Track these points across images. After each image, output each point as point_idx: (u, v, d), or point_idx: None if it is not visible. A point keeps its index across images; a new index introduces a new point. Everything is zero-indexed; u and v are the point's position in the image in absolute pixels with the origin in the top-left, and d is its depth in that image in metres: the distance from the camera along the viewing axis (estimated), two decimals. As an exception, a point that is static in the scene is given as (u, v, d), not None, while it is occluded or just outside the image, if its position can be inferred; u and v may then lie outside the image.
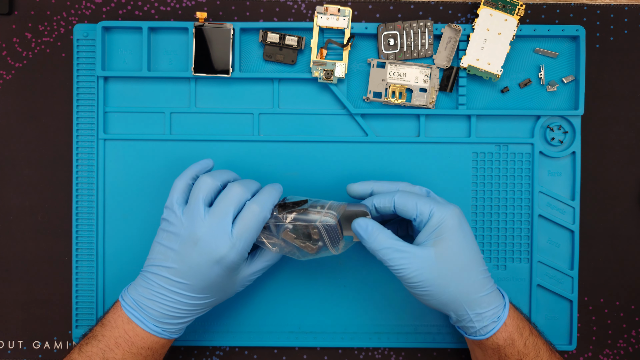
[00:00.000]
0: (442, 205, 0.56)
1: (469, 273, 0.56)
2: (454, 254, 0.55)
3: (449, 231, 0.55)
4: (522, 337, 0.57)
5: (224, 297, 0.60)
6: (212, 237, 0.55)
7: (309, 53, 0.66)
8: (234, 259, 0.55)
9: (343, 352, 0.68)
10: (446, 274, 0.55)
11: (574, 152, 0.67)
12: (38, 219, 0.68)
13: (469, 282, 0.56)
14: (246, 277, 0.60)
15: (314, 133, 0.67)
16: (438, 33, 0.66)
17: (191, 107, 0.67)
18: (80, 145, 0.67)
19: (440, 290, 0.55)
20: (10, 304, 0.68)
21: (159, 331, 0.57)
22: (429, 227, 0.56)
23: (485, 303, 0.56)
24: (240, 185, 0.57)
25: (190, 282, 0.56)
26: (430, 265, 0.55)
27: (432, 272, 0.55)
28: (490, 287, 0.57)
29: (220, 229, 0.55)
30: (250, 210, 0.56)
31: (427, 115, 0.67)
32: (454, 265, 0.55)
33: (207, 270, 0.55)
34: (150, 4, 0.67)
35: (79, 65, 0.67)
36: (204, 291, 0.57)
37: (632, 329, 0.68)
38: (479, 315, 0.57)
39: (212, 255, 0.55)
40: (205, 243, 0.55)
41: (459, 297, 0.56)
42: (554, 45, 0.67)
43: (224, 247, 0.55)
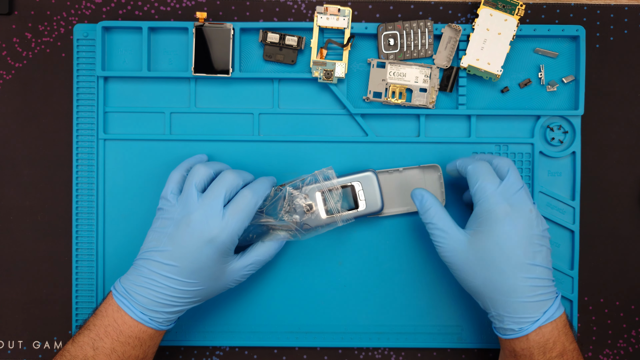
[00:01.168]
0: (495, 197, 0.55)
1: (504, 274, 0.55)
2: (489, 248, 0.55)
3: (492, 224, 0.55)
4: (544, 356, 0.56)
5: (214, 289, 0.60)
6: (204, 217, 0.56)
7: (309, 53, 0.66)
8: (225, 239, 0.56)
9: (343, 352, 0.68)
10: (475, 265, 0.56)
11: (574, 152, 0.67)
12: (38, 219, 0.68)
13: (501, 282, 0.55)
14: (237, 271, 0.60)
15: (314, 133, 0.67)
16: (438, 33, 0.66)
17: (191, 107, 0.67)
18: (80, 145, 0.67)
19: (467, 278, 0.57)
20: (10, 304, 0.68)
21: (146, 320, 0.57)
22: (474, 215, 0.57)
23: (511, 310, 0.56)
24: (233, 172, 0.59)
25: (180, 264, 0.56)
26: (462, 250, 0.56)
27: (461, 258, 0.56)
28: (526, 298, 0.55)
29: (212, 210, 0.57)
30: (243, 195, 0.58)
31: (427, 115, 0.67)
32: (485, 259, 0.55)
33: (198, 251, 0.56)
34: (150, 4, 0.67)
35: (79, 65, 0.67)
36: (193, 275, 0.57)
37: (632, 329, 0.68)
38: (499, 318, 0.56)
39: (203, 235, 0.56)
40: (197, 224, 0.56)
41: (485, 292, 0.56)
42: (554, 45, 0.67)
43: (216, 228, 0.56)
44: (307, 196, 0.62)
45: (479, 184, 0.56)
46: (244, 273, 0.60)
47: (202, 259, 0.57)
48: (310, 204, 0.62)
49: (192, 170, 0.60)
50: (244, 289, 0.67)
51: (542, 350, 0.56)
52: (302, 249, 0.67)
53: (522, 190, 0.57)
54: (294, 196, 0.62)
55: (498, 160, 0.59)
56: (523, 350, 0.56)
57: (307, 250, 0.67)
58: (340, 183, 0.64)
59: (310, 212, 0.62)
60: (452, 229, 0.57)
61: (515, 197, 0.56)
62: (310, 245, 0.67)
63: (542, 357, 0.56)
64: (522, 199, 0.56)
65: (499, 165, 0.58)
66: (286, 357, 0.68)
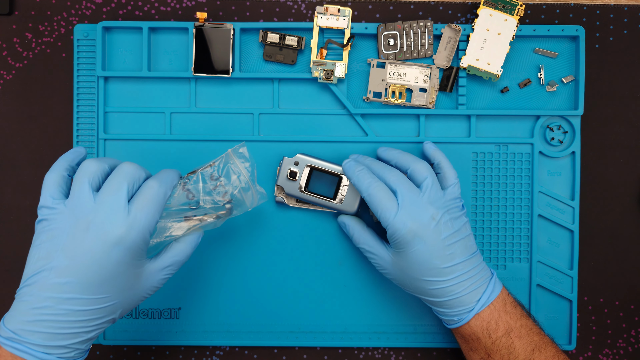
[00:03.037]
0: (399, 219, 0.57)
1: (422, 284, 0.59)
2: (408, 265, 0.58)
3: (402, 246, 0.58)
4: (490, 338, 0.58)
5: (129, 301, 0.51)
6: (105, 216, 0.48)
7: (309, 53, 0.66)
8: (135, 238, 0.48)
9: (343, 352, 0.68)
10: (403, 278, 0.60)
11: (573, 152, 0.67)
12: (38, 219, 0.68)
13: (429, 290, 0.59)
14: (154, 275, 0.52)
15: (314, 133, 0.67)
16: (438, 33, 0.66)
17: (191, 107, 0.67)
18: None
19: (404, 287, 0.61)
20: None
21: (52, 359, 0.48)
22: (387, 236, 0.59)
23: (447, 306, 0.59)
24: (133, 164, 0.52)
25: (82, 278, 0.47)
26: (391, 266, 0.60)
27: (392, 272, 0.61)
28: (457, 294, 0.58)
29: (115, 206, 0.48)
30: (149, 186, 0.50)
31: (427, 115, 0.67)
32: (408, 274, 0.59)
33: (103, 258, 0.48)
34: (150, 4, 0.68)
35: (79, 65, 0.67)
36: (101, 288, 0.48)
37: (631, 328, 0.68)
38: (440, 312, 0.60)
39: (108, 237, 0.48)
40: (98, 225, 0.48)
41: (420, 297, 0.61)
42: (553, 45, 0.67)
43: (122, 226, 0.48)
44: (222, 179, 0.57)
45: (379, 215, 0.58)
46: (161, 277, 0.53)
47: (111, 266, 0.48)
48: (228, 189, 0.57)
49: (80, 167, 0.51)
50: (244, 289, 0.67)
51: (486, 332, 0.58)
52: (302, 249, 0.67)
53: (422, 198, 0.58)
54: (213, 176, 0.57)
55: (414, 167, 0.60)
56: (470, 335, 0.59)
57: (307, 250, 0.67)
58: (332, 170, 0.65)
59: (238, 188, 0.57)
60: (378, 249, 0.61)
61: (416, 211, 0.57)
62: (310, 245, 0.67)
63: (488, 339, 0.58)
64: (423, 209, 0.57)
65: (415, 173, 0.60)
66: (286, 357, 0.68)
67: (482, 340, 0.59)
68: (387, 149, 0.63)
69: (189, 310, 0.67)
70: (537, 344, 0.59)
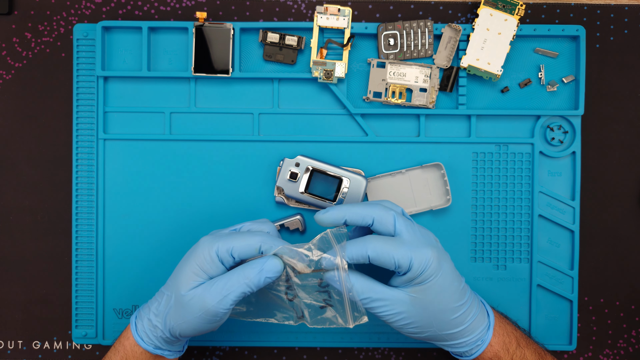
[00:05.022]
0: (419, 251, 0.54)
1: (447, 314, 0.55)
2: (433, 298, 0.55)
3: (429, 277, 0.54)
4: (508, 353, 0.58)
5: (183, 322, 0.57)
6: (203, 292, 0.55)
7: (309, 53, 0.66)
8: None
9: (343, 352, 0.68)
10: (425, 317, 0.55)
11: (574, 152, 0.67)
12: (38, 219, 0.68)
13: (448, 321, 0.56)
14: (200, 298, 0.55)
15: (314, 133, 0.67)
16: (438, 33, 0.66)
17: (191, 107, 0.67)
18: (80, 145, 0.67)
19: (421, 330, 0.56)
20: (10, 304, 0.68)
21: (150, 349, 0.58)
22: (409, 276, 0.54)
23: (467, 332, 0.57)
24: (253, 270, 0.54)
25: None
26: (409, 309, 0.55)
27: (411, 316, 0.55)
28: (472, 317, 0.57)
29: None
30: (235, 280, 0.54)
31: (427, 115, 0.67)
32: (432, 309, 0.55)
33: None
34: (150, 4, 0.67)
35: (79, 65, 0.67)
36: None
37: (632, 329, 0.68)
38: (461, 344, 0.57)
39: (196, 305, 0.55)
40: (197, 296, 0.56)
41: (440, 334, 0.56)
42: (554, 45, 0.67)
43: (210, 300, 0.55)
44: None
45: (396, 259, 0.53)
46: (211, 296, 0.55)
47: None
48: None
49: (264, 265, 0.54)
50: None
51: (505, 348, 0.58)
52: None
53: (414, 227, 0.55)
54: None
55: (376, 214, 0.55)
56: (492, 357, 0.58)
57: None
58: (332, 172, 0.64)
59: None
60: (389, 294, 0.55)
61: (423, 239, 0.55)
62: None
63: (507, 355, 0.58)
64: (425, 236, 0.56)
65: (383, 218, 0.55)
66: (286, 357, 0.68)
67: (503, 359, 0.58)
68: (325, 216, 0.56)
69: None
70: (537, 349, 0.60)
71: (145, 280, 0.67)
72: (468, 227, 0.67)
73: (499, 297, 0.67)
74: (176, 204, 0.67)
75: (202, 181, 0.67)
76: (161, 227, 0.67)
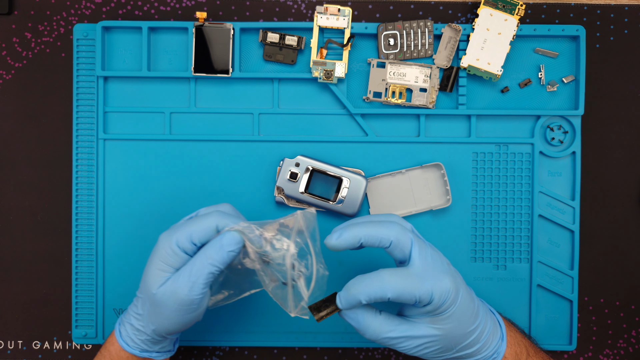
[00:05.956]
0: (439, 283, 0.53)
1: (466, 337, 0.55)
2: (453, 325, 0.54)
3: (449, 307, 0.54)
4: (524, 349, 0.58)
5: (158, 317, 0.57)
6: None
7: (309, 53, 0.66)
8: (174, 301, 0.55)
9: (343, 352, 0.68)
10: (445, 343, 0.55)
11: (574, 152, 0.67)
12: (38, 219, 0.68)
13: (466, 343, 0.55)
14: (169, 289, 0.55)
15: (314, 133, 0.67)
16: (438, 33, 0.66)
17: (191, 107, 0.67)
18: (80, 145, 0.67)
19: (440, 355, 0.56)
20: (10, 304, 0.68)
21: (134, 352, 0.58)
22: (428, 309, 0.54)
23: (483, 349, 0.56)
24: (214, 247, 0.54)
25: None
26: (431, 340, 0.54)
27: (432, 345, 0.55)
28: (487, 333, 0.56)
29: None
30: (199, 259, 0.54)
31: (427, 115, 0.67)
32: (452, 335, 0.54)
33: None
34: (150, 4, 0.67)
35: (79, 65, 0.67)
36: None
37: (632, 329, 0.68)
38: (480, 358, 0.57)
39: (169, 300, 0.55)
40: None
41: (459, 355, 0.56)
42: (554, 45, 0.67)
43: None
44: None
45: (418, 295, 0.52)
46: (180, 286, 0.55)
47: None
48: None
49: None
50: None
51: (517, 359, 0.58)
52: (302, 249, 0.67)
53: (427, 251, 0.54)
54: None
55: (395, 237, 0.53)
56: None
57: (307, 250, 0.67)
58: (332, 172, 0.64)
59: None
60: (410, 330, 0.54)
61: (438, 266, 0.54)
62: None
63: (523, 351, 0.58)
64: (439, 261, 0.54)
65: (400, 242, 0.54)
66: (286, 357, 0.68)
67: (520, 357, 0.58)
68: (338, 241, 0.54)
69: (188, 310, 0.67)
70: (544, 358, 0.60)
71: (145, 280, 0.67)
72: (468, 227, 0.67)
73: (499, 297, 0.67)
74: (176, 204, 0.67)
75: (202, 181, 0.67)
76: (161, 227, 0.66)
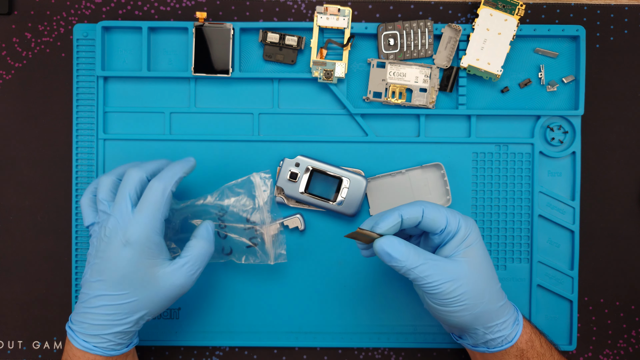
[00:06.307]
0: (465, 217, 0.56)
1: (493, 282, 0.56)
2: (483, 262, 0.55)
3: (476, 241, 0.55)
4: (538, 338, 0.58)
5: (152, 299, 0.56)
6: (116, 220, 0.55)
7: (309, 53, 0.66)
8: (139, 237, 0.54)
9: (343, 352, 0.68)
10: (480, 284, 0.54)
11: (574, 152, 0.67)
12: (38, 219, 0.68)
13: (495, 291, 0.56)
14: (173, 273, 0.56)
15: (314, 133, 0.67)
16: (438, 33, 0.66)
17: (191, 107, 0.67)
18: (80, 145, 0.67)
19: (476, 302, 0.54)
20: (10, 304, 0.68)
21: (89, 347, 0.55)
22: (458, 238, 0.55)
23: (507, 310, 0.57)
24: (135, 167, 0.57)
25: (106, 276, 0.54)
26: (467, 276, 0.54)
27: (469, 283, 0.54)
28: (505, 296, 0.58)
29: (122, 210, 0.55)
30: (149, 187, 0.55)
31: (427, 115, 0.67)
32: (484, 275, 0.55)
33: (117, 258, 0.54)
34: (150, 4, 0.67)
35: (79, 65, 0.67)
36: (120, 285, 0.54)
37: (632, 329, 0.68)
38: (505, 323, 0.56)
39: (117, 237, 0.54)
40: (110, 228, 0.55)
41: (490, 307, 0.55)
42: (554, 45, 0.67)
43: (127, 228, 0.54)
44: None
45: (448, 218, 0.55)
46: (183, 275, 0.56)
47: (123, 264, 0.54)
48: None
49: (126, 176, 0.57)
50: (244, 289, 0.67)
51: (535, 332, 0.58)
52: (302, 249, 0.67)
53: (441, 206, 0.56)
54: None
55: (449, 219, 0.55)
56: (527, 342, 0.57)
57: (307, 250, 0.67)
58: (332, 172, 0.64)
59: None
60: (445, 262, 0.54)
61: (462, 214, 0.57)
62: (310, 245, 0.67)
63: (537, 340, 0.58)
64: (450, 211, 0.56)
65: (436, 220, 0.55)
66: (286, 357, 0.68)
67: (535, 344, 0.57)
68: (379, 217, 0.55)
69: (188, 310, 0.67)
70: (552, 348, 0.60)
71: (145, 280, 0.67)
72: (468, 227, 0.67)
73: (499, 297, 0.67)
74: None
75: (202, 181, 0.67)
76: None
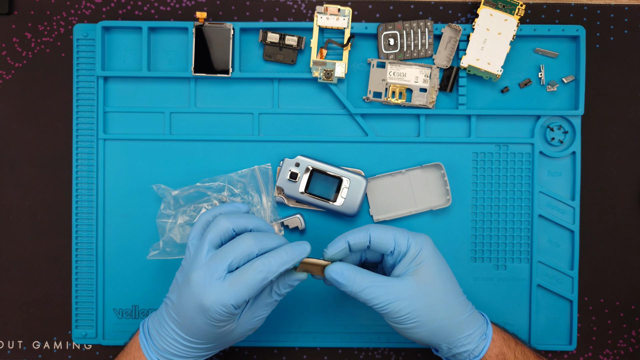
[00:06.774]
0: (416, 234, 0.56)
1: (451, 296, 0.56)
2: (435, 278, 0.55)
3: (428, 258, 0.55)
4: (510, 349, 0.58)
5: (225, 344, 0.56)
6: (201, 281, 0.52)
7: (309, 53, 0.66)
8: (219, 312, 0.51)
9: (343, 352, 0.68)
10: (432, 299, 0.55)
11: (574, 152, 0.67)
12: (38, 219, 0.68)
13: (453, 305, 0.56)
14: (244, 326, 0.55)
15: (314, 133, 0.67)
16: (438, 33, 0.66)
17: (191, 107, 0.67)
18: (80, 145, 0.67)
19: (429, 318, 0.55)
20: (10, 304, 0.68)
21: None
22: (408, 257, 0.55)
23: (472, 323, 0.57)
24: (252, 238, 0.53)
25: (182, 321, 0.54)
26: (415, 294, 0.54)
27: (419, 300, 0.54)
28: (471, 308, 0.58)
29: (212, 275, 0.52)
30: (252, 267, 0.52)
31: (427, 115, 0.67)
32: (437, 290, 0.55)
33: (193, 316, 0.52)
34: (150, 4, 0.67)
35: (79, 65, 0.67)
36: (195, 335, 0.54)
37: (632, 329, 0.68)
38: (469, 337, 0.56)
39: (198, 300, 0.52)
40: (194, 285, 0.52)
41: (447, 323, 0.55)
42: (554, 45, 0.67)
43: (211, 295, 0.51)
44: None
45: (396, 237, 0.55)
46: (253, 323, 0.56)
47: (199, 324, 0.53)
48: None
49: (212, 222, 0.54)
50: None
51: (507, 344, 0.58)
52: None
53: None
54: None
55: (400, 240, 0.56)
56: (497, 355, 0.57)
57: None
58: (332, 172, 0.64)
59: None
60: (393, 282, 0.54)
61: (414, 232, 0.57)
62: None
63: (509, 351, 0.58)
64: (414, 232, 0.57)
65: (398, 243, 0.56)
66: (286, 357, 0.68)
67: (507, 356, 0.57)
68: (330, 246, 0.57)
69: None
70: (528, 349, 0.60)
71: (145, 280, 0.67)
72: (468, 227, 0.67)
73: (499, 297, 0.67)
74: (176, 204, 0.67)
75: (202, 181, 0.67)
76: (161, 227, 0.67)
